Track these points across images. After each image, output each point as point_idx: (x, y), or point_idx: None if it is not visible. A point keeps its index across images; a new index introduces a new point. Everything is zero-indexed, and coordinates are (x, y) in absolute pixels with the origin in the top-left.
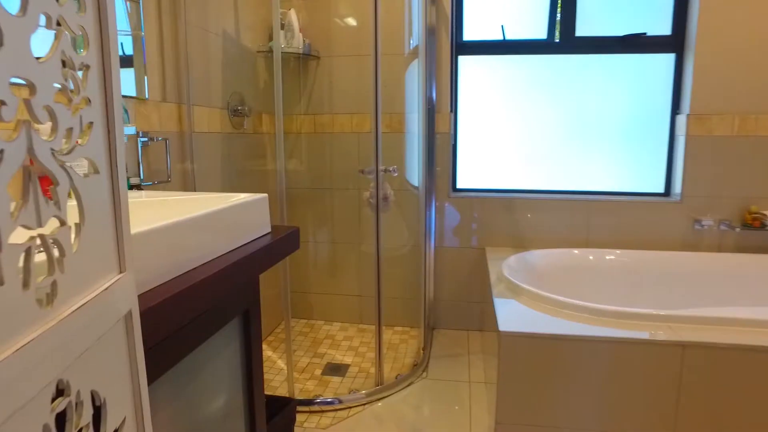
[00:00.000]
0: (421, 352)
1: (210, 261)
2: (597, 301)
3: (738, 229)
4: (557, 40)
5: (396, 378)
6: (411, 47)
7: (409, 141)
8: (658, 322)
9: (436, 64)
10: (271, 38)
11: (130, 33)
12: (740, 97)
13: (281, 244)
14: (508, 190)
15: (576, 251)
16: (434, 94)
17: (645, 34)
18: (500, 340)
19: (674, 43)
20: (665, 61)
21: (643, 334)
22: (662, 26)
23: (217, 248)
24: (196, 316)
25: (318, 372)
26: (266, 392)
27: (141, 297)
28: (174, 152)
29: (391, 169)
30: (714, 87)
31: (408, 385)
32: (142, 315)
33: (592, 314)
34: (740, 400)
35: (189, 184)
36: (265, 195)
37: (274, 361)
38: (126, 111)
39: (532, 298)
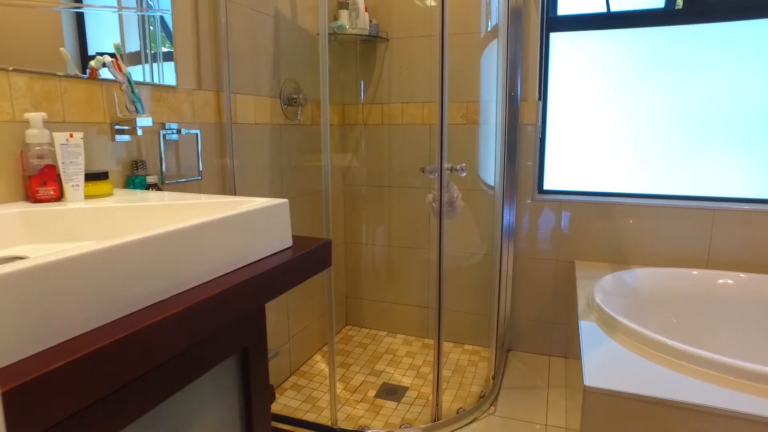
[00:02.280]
0: (491, 380)
1: (187, 290)
2: (721, 346)
3: None
4: (679, 7)
5: (458, 412)
6: (491, 25)
7: (485, 134)
8: None
9: (523, 44)
10: (335, 19)
11: (150, 10)
12: None
13: (304, 261)
14: (606, 193)
15: (695, 272)
16: (519, 80)
17: None
18: (585, 398)
19: None
20: None
21: None
22: None
23: (199, 272)
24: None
25: (372, 393)
26: (311, 414)
27: None
28: (211, 146)
29: (458, 167)
30: None
31: (471, 422)
32: None
33: (719, 371)
34: None
35: (228, 182)
36: (285, 201)
37: (325, 376)
38: (140, 100)
39: (634, 339)
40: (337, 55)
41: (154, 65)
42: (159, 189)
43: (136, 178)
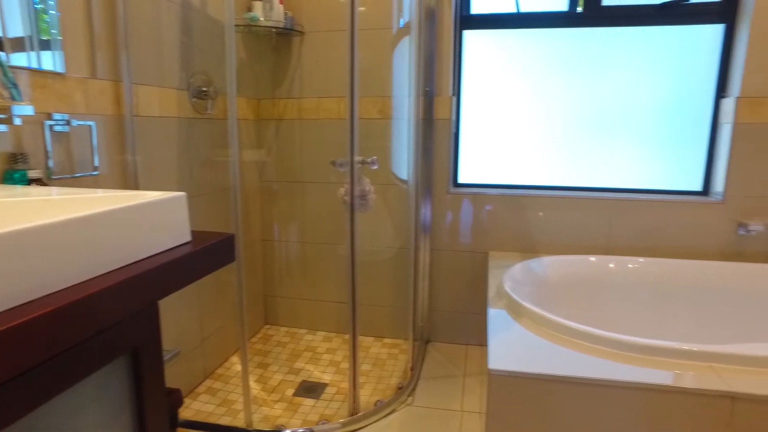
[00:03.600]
0: (409, 371)
1: (61, 290)
2: (619, 324)
3: None
4: (580, 10)
5: (376, 404)
6: (404, 22)
7: (399, 129)
8: (699, 361)
9: (437, 41)
10: (249, 10)
11: None
12: None
13: (203, 257)
14: (517, 186)
15: (593, 258)
16: (433, 76)
17: (688, 0)
18: (490, 380)
19: (725, 11)
20: (711, 33)
21: (680, 380)
22: None
23: (77, 270)
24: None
25: (290, 392)
26: (226, 418)
27: None
28: (110, 139)
29: (369, 160)
30: None
31: (389, 413)
32: None
33: (612, 347)
34: None
35: (129, 178)
36: (182, 194)
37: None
38: (15, 86)
39: (538, 322)
40: (251, 48)
41: (42, 52)
42: (44, 184)
43: (15, 172)
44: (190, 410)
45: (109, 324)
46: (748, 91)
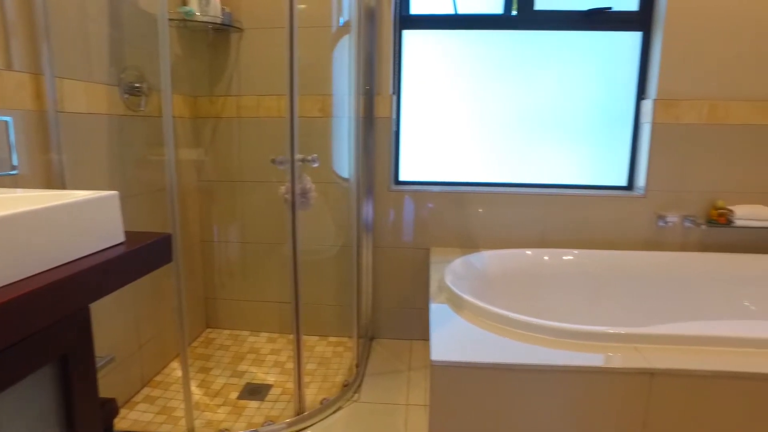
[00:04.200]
0: (354, 368)
1: None
2: (554, 313)
3: (703, 226)
4: (514, 14)
5: (321, 402)
6: (343, 20)
7: (339, 127)
8: (623, 343)
9: (377, 40)
10: (184, 4)
11: None
12: (711, 82)
13: (137, 257)
14: (457, 183)
15: (529, 252)
16: (374, 74)
17: (610, 8)
18: (432, 371)
19: (642, 19)
20: (632, 39)
21: (605, 361)
22: (629, 1)
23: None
24: None
25: (234, 395)
26: (166, 426)
27: None
28: (31, 136)
29: (310, 158)
30: (683, 70)
31: (336, 411)
32: None
33: (546, 334)
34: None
35: (55, 178)
36: (114, 193)
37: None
38: None
39: (477, 314)
40: (187, 44)
41: None
42: None
43: None
44: (127, 420)
45: (34, 330)
46: (663, 94)
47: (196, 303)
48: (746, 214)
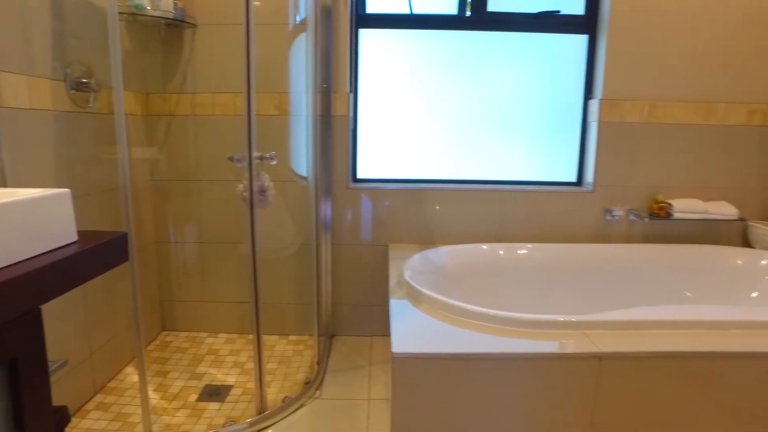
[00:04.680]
0: (315, 366)
1: None
2: (510, 305)
3: (646, 219)
4: (469, 15)
5: (284, 401)
6: (300, 18)
7: (297, 125)
8: (574, 330)
9: (333, 38)
10: None
11: None
12: (650, 84)
13: (92, 256)
14: (414, 180)
15: (485, 246)
16: (331, 72)
17: (558, 12)
18: (393, 363)
19: (587, 23)
20: (579, 42)
21: (558, 347)
22: (577, 5)
23: None
24: None
25: (193, 398)
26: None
27: None
28: None
29: (268, 156)
30: (626, 71)
31: (298, 408)
32: None
33: (502, 324)
34: (656, 410)
35: None
36: (66, 191)
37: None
38: None
39: (436, 307)
40: (138, 39)
41: None
42: None
43: None
44: (79, 430)
45: None
46: (608, 94)
47: (151, 305)
48: (683, 207)
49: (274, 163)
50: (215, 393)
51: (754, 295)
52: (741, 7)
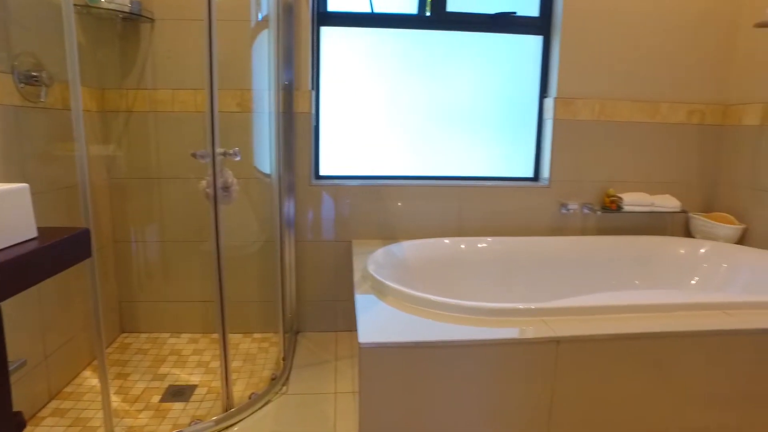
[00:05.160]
0: (281, 362)
1: None
2: (472, 296)
3: (598, 212)
4: (428, 14)
5: (250, 397)
6: (262, 15)
7: (260, 122)
8: (533, 317)
9: (295, 35)
10: None
11: None
12: (601, 83)
13: (53, 252)
14: (376, 176)
15: (447, 240)
16: (293, 70)
17: (515, 13)
18: (360, 353)
19: (542, 25)
20: (534, 42)
21: (518, 333)
22: (532, 7)
23: None
24: None
25: (156, 399)
26: None
27: None
28: None
29: (231, 152)
30: (578, 71)
31: (265, 404)
32: None
33: (465, 313)
34: (610, 388)
35: None
36: (25, 186)
37: (98, 392)
38: None
39: (400, 299)
40: (92, 32)
41: None
42: None
43: None
44: None
45: None
46: (562, 93)
47: (110, 307)
48: (632, 201)
49: (237, 159)
50: (179, 393)
51: (695, 280)
52: (683, 14)
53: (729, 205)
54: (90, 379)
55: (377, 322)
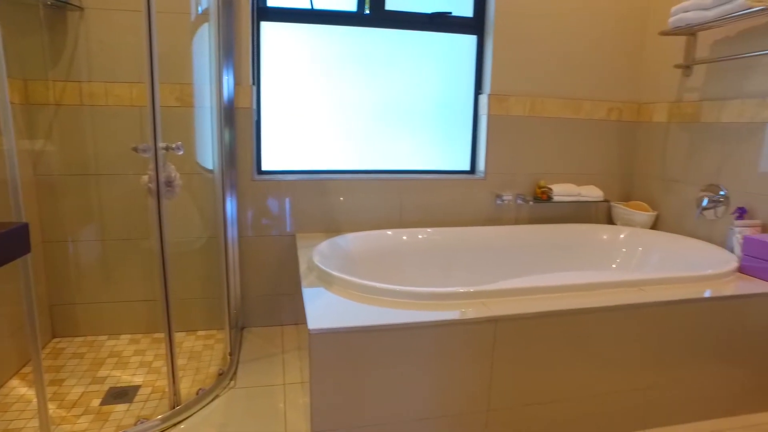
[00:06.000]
0: (228, 357)
1: None
2: (414, 282)
3: (531, 203)
4: (367, 12)
5: (197, 393)
6: (202, 8)
7: (201, 117)
8: (472, 300)
9: (235, 30)
10: None
11: None
12: (531, 80)
13: None
14: (319, 171)
15: (390, 232)
16: (233, 64)
17: (450, 13)
18: (310, 340)
19: (476, 25)
20: (469, 42)
21: (459, 314)
22: (466, 8)
23: None
24: None
25: (96, 402)
26: None
27: None
28: None
29: (174, 146)
30: (510, 69)
31: (213, 399)
32: None
33: (408, 298)
34: (542, 361)
35: None
36: None
37: (28, 401)
38: None
39: (346, 287)
40: (11, 20)
41: None
42: None
43: None
44: None
45: None
46: (496, 90)
47: (40, 311)
48: (561, 191)
49: (180, 153)
50: (122, 395)
51: (616, 263)
52: (601, 20)
53: (644, 194)
54: (18, 389)
55: (325, 310)
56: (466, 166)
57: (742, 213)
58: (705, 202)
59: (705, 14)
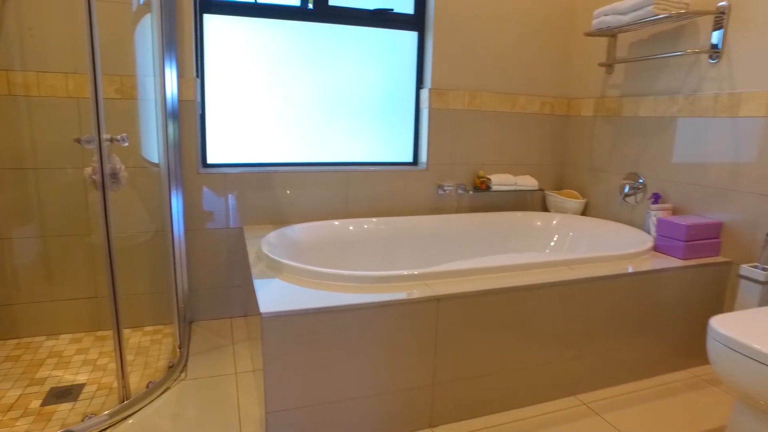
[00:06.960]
0: (178, 350)
1: None
2: (361, 269)
3: (471, 192)
4: (311, 7)
5: (147, 387)
6: None
7: (145, 110)
8: (416, 281)
9: (177, 22)
10: None
11: None
12: (469, 75)
13: None
14: (265, 164)
15: (336, 222)
16: (176, 57)
17: (392, 10)
18: (262, 323)
19: (416, 21)
20: (410, 38)
21: (404, 295)
22: (407, 5)
23: None
24: None
25: (36, 404)
26: None
27: None
28: None
29: (119, 137)
30: (449, 65)
31: (164, 392)
32: None
33: (355, 282)
34: (482, 337)
35: None
36: None
37: None
38: None
39: (295, 274)
40: None
41: None
42: None
43: None
44: None
45: None
46: (436, 84)
47: None
48: (499, 181)
49: (126, 144)
50: (65, 394)
51: (549, 247)
52: (532, 19)
53: (574, 182)
54: None
55: (275, 295)
56: (409, 158)
57: (656, 198)
58: (626, 189)
59: (621, 18)
